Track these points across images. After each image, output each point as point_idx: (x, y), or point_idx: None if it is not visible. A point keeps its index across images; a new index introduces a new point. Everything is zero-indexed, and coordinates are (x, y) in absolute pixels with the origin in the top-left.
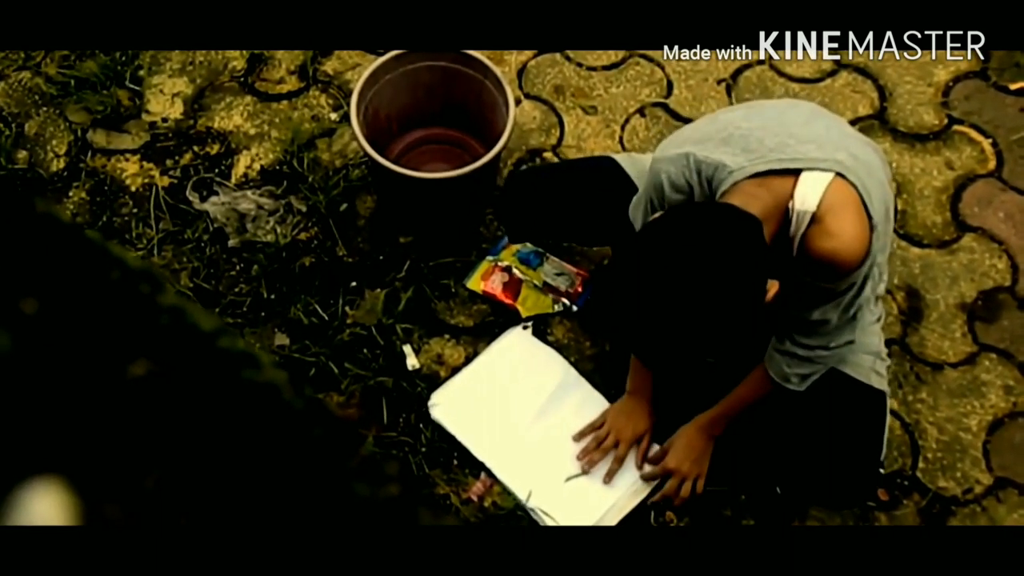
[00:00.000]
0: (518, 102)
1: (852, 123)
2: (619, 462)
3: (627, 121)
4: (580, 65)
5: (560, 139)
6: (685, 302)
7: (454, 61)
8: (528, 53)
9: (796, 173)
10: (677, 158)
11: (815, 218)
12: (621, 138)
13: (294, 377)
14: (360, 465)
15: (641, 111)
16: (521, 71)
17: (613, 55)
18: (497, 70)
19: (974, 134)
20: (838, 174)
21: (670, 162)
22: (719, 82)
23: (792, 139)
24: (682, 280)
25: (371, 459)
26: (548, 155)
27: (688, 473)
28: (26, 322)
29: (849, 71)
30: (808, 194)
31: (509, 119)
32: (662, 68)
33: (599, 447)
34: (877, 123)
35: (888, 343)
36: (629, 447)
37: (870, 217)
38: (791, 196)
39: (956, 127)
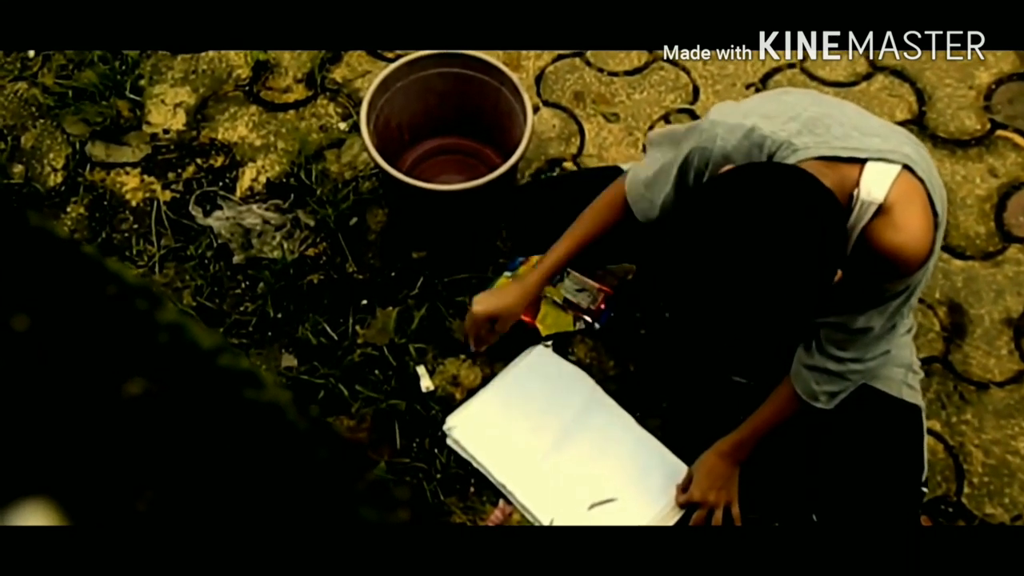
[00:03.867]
0: (536, 109)
1: None
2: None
3: (651, 128)
4: (601, 71)
5: (580, 148)
6: (759, 263)
7: (468, 67)
8: (546, 58)
9: (861, 163)
10: (738, 127)
11: (881, 209)
12: (644, 146)
13: (299, 397)
14: (368, 489)
15: (666, 118)
16: (539, 77)
17: (636, 59)
18: (514, 76)
19: (1019, 139)
20: (905, 167)
21: (729, 130)
22: (748, 86)
23: (856, 131)
24: (758, 240)
25: (379, 483)
26: (568, 164)
27: (715, 502)
28: (16, 340)
29: (885, 74)
30: (875, 184)
31: (527, 127)
32: (687, 73)
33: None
34: (916, 129)
35: (930, 361)
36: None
37: (936, 214)
38: (856, 185)
39: (999, 132)
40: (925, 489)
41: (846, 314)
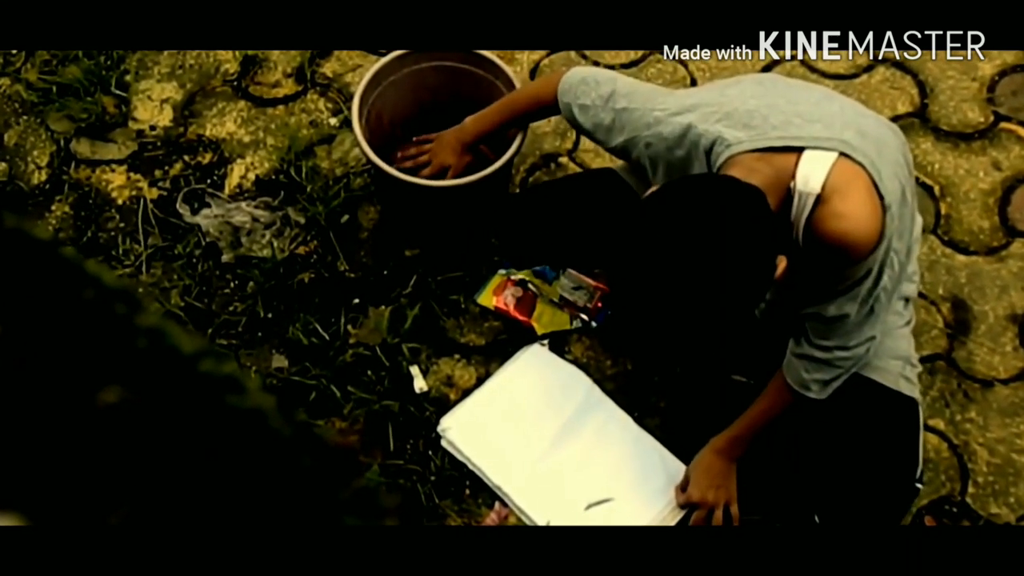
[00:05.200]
0: None
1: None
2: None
3: None
4: (597, 64)
5: (576, 143)
6: (692, 276)
7: (462, 61)
8: (541, 52)
9: (799, 151)
10: (677, 125)
11: (820, 199)
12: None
13: (283, 402)
14: (353, 496)
15: None
16: (534, 71)
17: (632, 52)
18: (508, 70)
19: (1023, 132)
20: (843, 154)
21: (672, 127)
22: None
23: (798, 118)
24: (687, 256)
25: (366, 490)
26: (564, 160)
27: (715, 501)
28: None
29: (887, 66)
30: (811, 174)
31: None
32: (685, 66)
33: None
34: (918, 122)
35: (933, 358)
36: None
37: (881, 197)
38: (793, 175)
39: (1003, 124)
40: (920, 485)
41: (818, 304)
